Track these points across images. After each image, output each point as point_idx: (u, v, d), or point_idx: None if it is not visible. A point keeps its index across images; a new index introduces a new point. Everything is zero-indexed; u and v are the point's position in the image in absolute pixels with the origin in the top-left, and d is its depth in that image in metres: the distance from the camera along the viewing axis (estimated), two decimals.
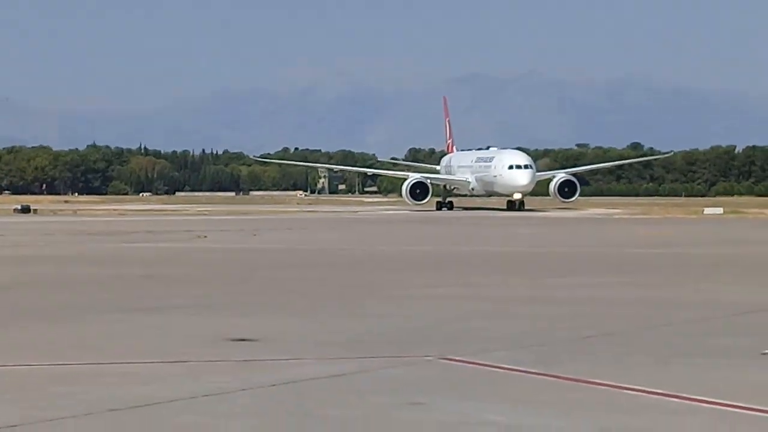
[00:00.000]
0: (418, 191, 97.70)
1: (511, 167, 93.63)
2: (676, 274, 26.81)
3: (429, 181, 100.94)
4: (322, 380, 10.22)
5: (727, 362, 11.44)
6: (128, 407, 8.77)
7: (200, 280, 25.12)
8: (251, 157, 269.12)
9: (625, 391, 9.34)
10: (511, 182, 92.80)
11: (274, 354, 12.34)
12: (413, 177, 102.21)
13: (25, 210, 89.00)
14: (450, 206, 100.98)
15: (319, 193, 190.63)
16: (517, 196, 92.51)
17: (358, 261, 32.86)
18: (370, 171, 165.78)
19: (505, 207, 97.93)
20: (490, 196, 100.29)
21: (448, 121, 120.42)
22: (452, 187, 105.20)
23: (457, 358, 11.48)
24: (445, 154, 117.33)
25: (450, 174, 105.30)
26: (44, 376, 10.88)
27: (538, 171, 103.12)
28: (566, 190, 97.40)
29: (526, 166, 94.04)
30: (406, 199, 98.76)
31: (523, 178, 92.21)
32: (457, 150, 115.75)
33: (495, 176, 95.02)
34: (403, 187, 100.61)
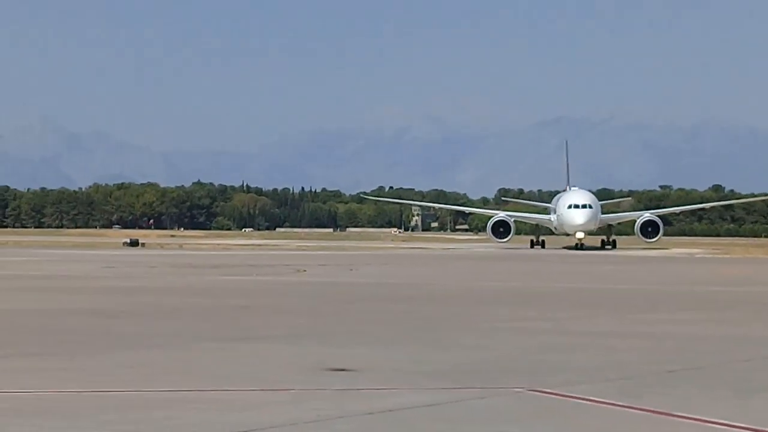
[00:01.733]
0: (501, 229, 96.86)
1: (569, 206, 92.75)
2: (756, 311, 26.30)
3: (512, 219, 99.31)
4: (417, 409, 10.28)
5: None
6: None
7: (299, 311, 25.46)
8: (348, 195, 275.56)
9: (708, 424, 9.30)
10: (569, 221, 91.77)
11: (370, 383, 12.40)
12: (497, 215, 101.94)
13: (134, 244, 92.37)
14: (542, 244, 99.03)
15: (412, 230, 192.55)
16: (580, 235, 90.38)
17: (449, 295, 32.79)
18: (463, 209, 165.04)
19: (599, 245, 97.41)
20: (567, 234, 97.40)
21: (567, 163, 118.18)
22: (542, 225, 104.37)
23: (546, 390, 11.44)
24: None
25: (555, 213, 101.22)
26: (146, 401, 10.98)
27: (623, 212, 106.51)
28: (650, 230, 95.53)
29: (584, 206, 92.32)
30: (490, 236, 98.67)
31: (579, 218, 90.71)
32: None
33: (559, 215, 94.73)
34: (488, 225, 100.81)
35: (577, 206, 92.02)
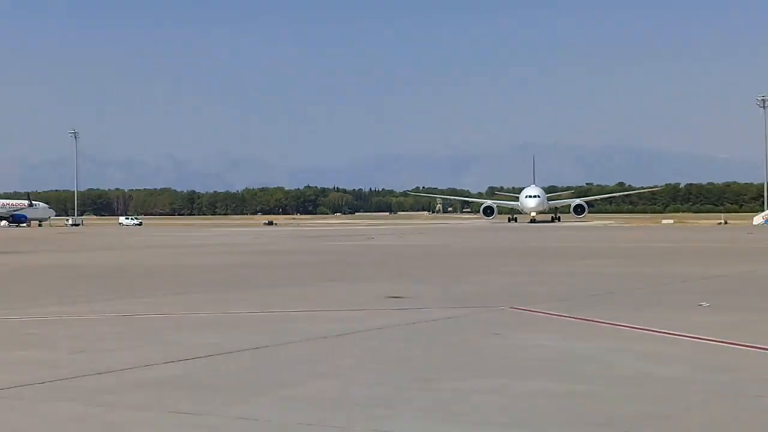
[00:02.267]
0: (489, 211, 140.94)
1: (526, 196, 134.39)
2: (646, 258, 36.02)
3: (496, 205, 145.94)
4: (442, 320, 14.66)
5: (679, 310, 15.62)
6: (333, 335, 12.81)
7: (371, 263, 32.78)
8: (398, 192, 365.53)
9: (619, 326, 13.40)
10: (526, 205, 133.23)
11: (414, 305, 16.99)
12: (486, 203, 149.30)
13: (270, 224, 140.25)
14: (515, 220, 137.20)
15: (437, 213, 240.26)
16: (533, 214, 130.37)
17: (461, 252, 42.61)
18: (466, 200, 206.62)
19: (549, 220, 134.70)
20: (527, 213, 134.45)
21: (534, 171, 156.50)
22: (514, 209, 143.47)
23: (520, 308, 16.02)
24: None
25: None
26: (277, 318, 15.31)
27: (563, 200, 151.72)
28: (579, 210, 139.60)
29: (535, 196, 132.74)
30: (482, 216, 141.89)
31: (531, 203, 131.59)
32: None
33: (521, 201, 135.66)
34: (480, 209, 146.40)
35: (530, 196, 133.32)
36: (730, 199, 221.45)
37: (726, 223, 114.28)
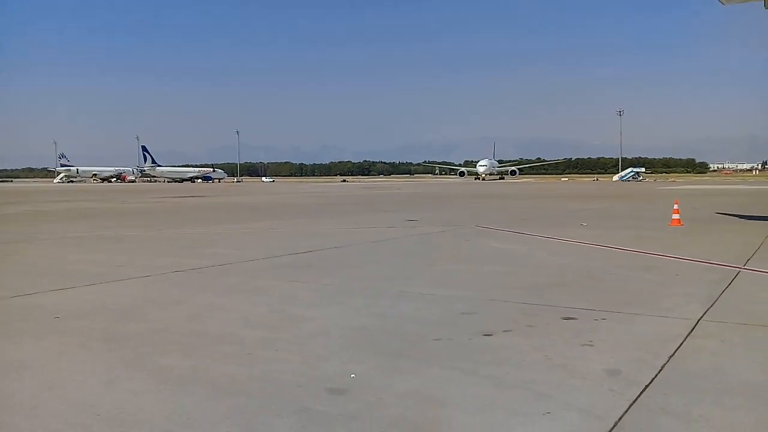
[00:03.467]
0: (462, 174, 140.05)
1: (479, 165, 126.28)
2: (548, 198, 34.22)
3: (467, 170, 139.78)
4: (435, 233, 14.43)
5: (569, 227, 15.29)
6: (378, 240, 12.99)
7: (396, 202, 31.45)
8: (414, 163, 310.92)
9: (536, 236, 13.24)
10: (478, 171, 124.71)
11: (421, 225, 16.55)
12: (460, 170, 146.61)
13: (344, 181, 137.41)
14: (478, 179, 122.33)
15: (436, 175, 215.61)
16: (483, 176, 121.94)
17: (449, 195, 40.98)
18: (451, 168, 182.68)
19: (498, 179, 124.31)
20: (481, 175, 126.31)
21: (493, 152, 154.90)
22: (478, 173, 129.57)
23: (482, 226, 15.91)
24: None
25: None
26: (346, 231, 15.08)
27: (507, 167, 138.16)
28: (513, 173, 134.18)
29: (484, 165, 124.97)
30: (458, 177, 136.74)
31: (481, 169, 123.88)
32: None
33: (477, 168, 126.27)
34: (457, 173, 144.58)
35: (481, 165, 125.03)
36: (600, 166, 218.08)
37: (597, 180, 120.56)
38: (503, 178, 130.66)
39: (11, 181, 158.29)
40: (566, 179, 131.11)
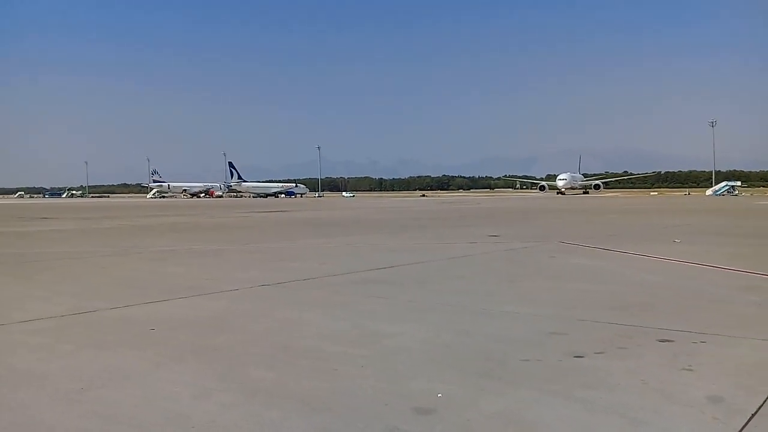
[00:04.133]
0: (542, 188, 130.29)
1: (558, 179, 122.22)
2: (639, 213, 33.28)
3: (547, 185, 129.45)
4: (520, 249, 14.12)
5: (661, 243, 14.66)
6: (459, 256, 12.92)
7: (478, 217, 32.50)
8: (494, 177, 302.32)
9: (625, 253, 12.76)
10: (557, 184, 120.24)
11: (504, 240, 16.33)
12: (540, 184, 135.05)
13: (423, 195, 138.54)
14: (563, 193, 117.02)
15: (516, 189, 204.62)
16: (562, 189, 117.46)
17: (528, 211, 39.99)
18: (533, 182, 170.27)
19: (581, 194, 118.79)
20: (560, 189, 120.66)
21: (578, 165, 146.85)
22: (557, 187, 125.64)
23: (566, 242, 15.49)
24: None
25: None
26: (427, 247, 14.99)
27: (590, 181, 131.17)
28: (597, 187, 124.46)
29: (563, 178, 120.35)
30: (538, 191, 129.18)
31: (560, 183, 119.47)
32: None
33: (557, 182, 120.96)
34: (538, 187, 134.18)
35: (560, 178, 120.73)
36: (692, 180, 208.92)
37: (689, 194, 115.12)
38: (587, 193, 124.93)
39: (108, 197, 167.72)
40: (655, 193, 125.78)
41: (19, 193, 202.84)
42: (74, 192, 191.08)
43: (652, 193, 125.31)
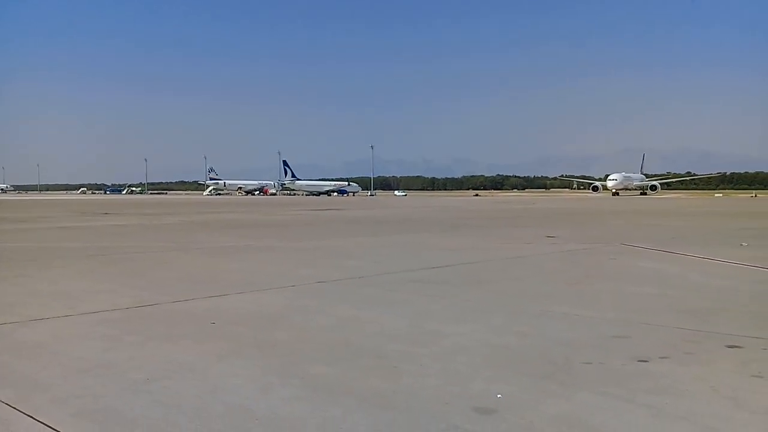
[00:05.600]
0: (595, 188, 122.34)
1: (609, 179, 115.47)
2: (703, 216, 31.93)
3: (601, 185, 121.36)
4: (579, 251, 13.86)
5: (728, 247, 14.22)
6: (516, 257, 12.76)
7: (533, 218, 31.40)
8: (549, 177, 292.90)
9: (691, 256, 12.42)
10: (608, 185, 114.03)
11: (561, 242, 16.11)
12: (594, 184, 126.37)
13: (476, 195, 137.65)
14: (618, 195, 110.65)
15: (573, 189, 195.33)
16: (613, 190, 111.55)
17: (585, 211, 38.52)
18: (588, 181, 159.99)
19: (639, 194, 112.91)
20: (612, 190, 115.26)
21: (641, 165, 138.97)
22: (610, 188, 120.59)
23: (627, 244, 15.15)
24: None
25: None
26: (482, 247, 14.80)
27: (649, 181, 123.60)
28: (653, 188, 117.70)
29: (614, 179, 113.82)
30: (592, 192, 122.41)
31: (611, 183, 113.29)
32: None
33: (607, 182, 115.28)
34: (590, 187, 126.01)
35: (611, 179, 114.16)
36: (759, 181, 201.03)
37: (756, 196, 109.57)
38: (645, 194, 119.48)
39: (166, 193, 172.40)
40: (720, 195, 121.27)
41: (81, 189, 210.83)
42: (134, 189, 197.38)
43: (716, 195, 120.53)
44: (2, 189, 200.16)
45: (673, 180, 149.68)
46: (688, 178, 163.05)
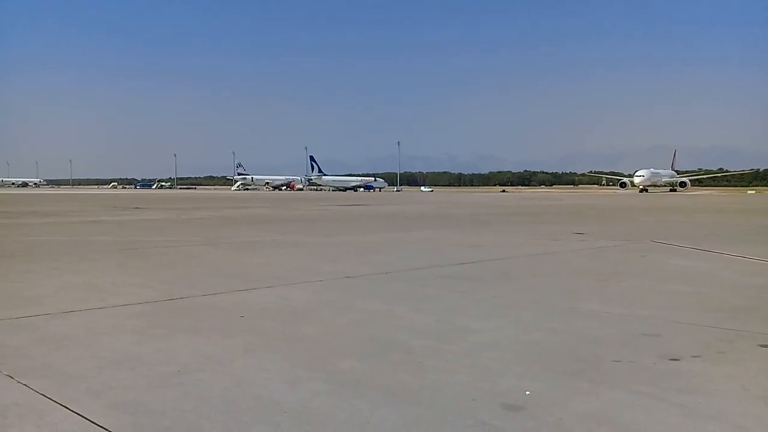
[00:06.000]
0: (623, 185, 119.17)
1: (636, 175, 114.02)
2: (733, 213, 31.16)
3: (629, 182, 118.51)
4: (608, 248, 13.65)
5: (760, 245, 14.03)
6: (544, 253, 12.67)
7: (560, 214, 31.38)
8: (578, 173, 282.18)
9: (722, 254, 12.25)
10: (635, 181, 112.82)
11: (591, 238, 15.90)
12: (621, 181, 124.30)
13: (503, 191, 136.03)
14: (646, 191, 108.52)
15: (602, 185, 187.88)
16: (641, 186, 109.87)
17: (615, 208, 38.63)
18: (617, 178, 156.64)
19: (668, 191, 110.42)
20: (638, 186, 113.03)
21: (672, 161, 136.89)
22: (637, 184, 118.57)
23: (658, 241, 15.03)
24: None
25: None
26: (508, 243, 14.76)
27: (679, 178, 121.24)
28: (683, 185, 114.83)
29: (641, 175, 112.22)
30: (619, 188, 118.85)
31: (637, 180, 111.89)
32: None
33: (634, 179, 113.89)
34: (618, 184, 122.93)
35: (638, 175, 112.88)
36: None
37: None
38: (674, 190, 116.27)
39: (195, 188, 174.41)
40: (753, 192, 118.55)
41: (112, 183, 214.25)
42: (163, 183, 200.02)
43: (749, 192, 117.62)
44: (35, 183, 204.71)
45: (704, 176, 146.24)
46: (719, 175, 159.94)
